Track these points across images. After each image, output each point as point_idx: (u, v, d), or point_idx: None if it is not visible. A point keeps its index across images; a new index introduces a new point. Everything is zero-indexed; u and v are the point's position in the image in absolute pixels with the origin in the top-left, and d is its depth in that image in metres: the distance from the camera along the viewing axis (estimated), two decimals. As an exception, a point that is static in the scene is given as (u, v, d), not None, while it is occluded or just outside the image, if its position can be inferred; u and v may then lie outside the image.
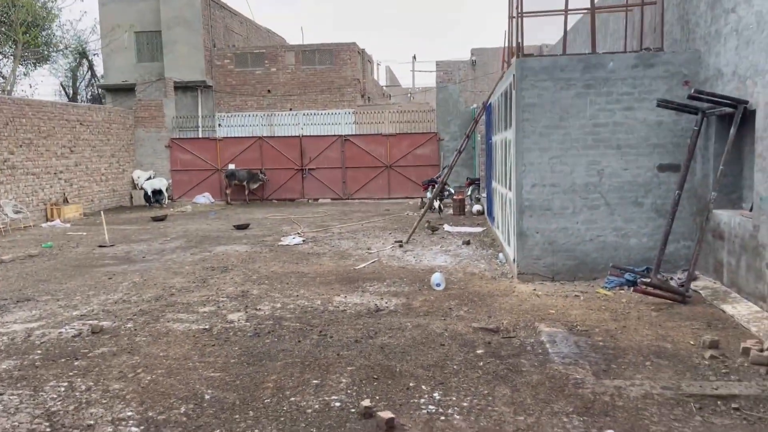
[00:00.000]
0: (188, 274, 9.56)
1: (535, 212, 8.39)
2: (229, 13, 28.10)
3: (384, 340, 6.01)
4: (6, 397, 4.80)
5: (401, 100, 35.64)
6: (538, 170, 8.33)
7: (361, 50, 27.52)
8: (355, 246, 11.88)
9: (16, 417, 4.45)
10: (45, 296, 8.29)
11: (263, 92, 26.07)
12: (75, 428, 4.26)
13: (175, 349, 5.92)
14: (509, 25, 9.78)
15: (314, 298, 7.85)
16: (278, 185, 22.09)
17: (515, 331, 6.22)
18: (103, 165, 20.27)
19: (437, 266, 9.66)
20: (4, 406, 4.64)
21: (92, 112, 19.99)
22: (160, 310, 7.38)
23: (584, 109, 8.17)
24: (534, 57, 8.46)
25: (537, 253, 8.43)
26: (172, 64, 25.12)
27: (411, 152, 21.49)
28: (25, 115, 16.69)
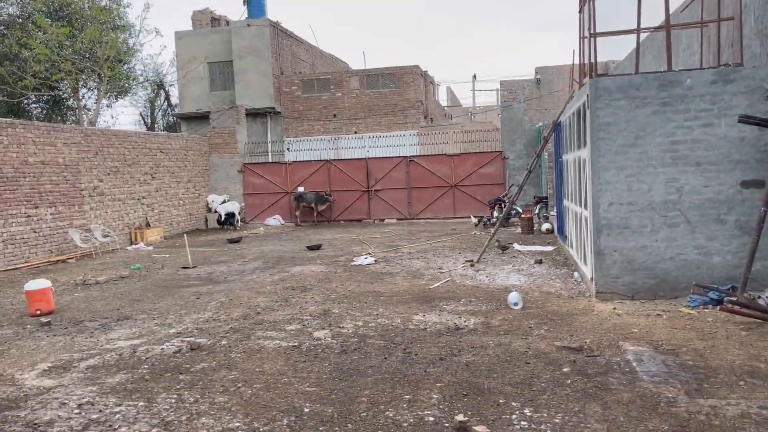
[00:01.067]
0: (270, 293, 9.98)
1: (613, 231, 8.37)
2: (296, 41, 29.11)
3: (468, 358, 6.16)
4: (124, 408, 5.21)
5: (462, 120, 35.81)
6: (615, 189, 8.33)
7: (423, 72, 27.93)
8: (427, 265, 12.06)
9: (136, 426, 4.83)
10: (141, 315, 8.84)
11: (329, 116, 26.79)
12: (190, 437, 4.60)
13: (269, 364, 6.24)
14: (580, 44, 9.85)
15: (393, 316, 8.07)
16: (345, 206, 22.58)
17: (599, 349, 6.24)
18: (181, 190, 21.28)
19: (511, 285, 9.73)
20: (123, 415, 5.05)
21: (171, 140, 21.09)
22: (249, 328, 7.76)
23: (661, 126, 8.14)
24: (608, 76, 8.51)
25: (615, 271, 8.40)
26: (243, 92, 26.21)
27: (475, 171, 21.59)
28: (113, 144, 17.79)
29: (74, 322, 8.60)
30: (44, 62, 22.09)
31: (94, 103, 25.57)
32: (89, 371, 6.27)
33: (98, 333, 7.88)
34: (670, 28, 8.47)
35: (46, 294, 9.16)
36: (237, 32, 26.62)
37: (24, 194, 14.57)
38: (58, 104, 26.72)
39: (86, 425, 4.87)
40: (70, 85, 23.97)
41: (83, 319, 8.71)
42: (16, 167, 14.39)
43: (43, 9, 23.96)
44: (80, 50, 22.80)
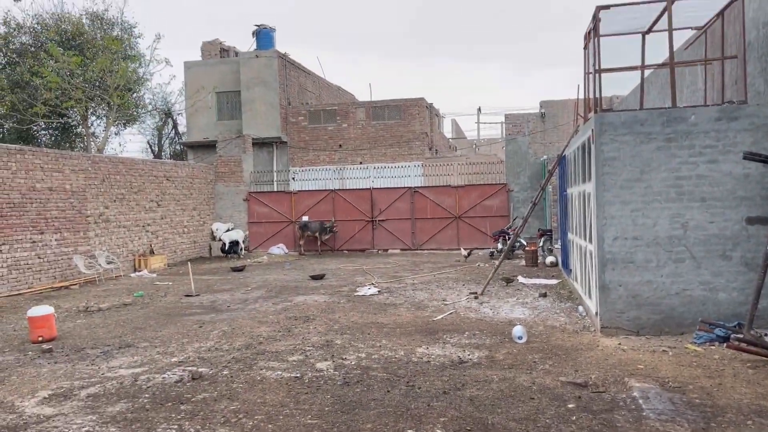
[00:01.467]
0: (273, 323, 9.93)
1: (618, 265, 8.35)
2: (303, 72, 29.50)
3: (472, 392, 6.09)
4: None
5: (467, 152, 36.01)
6: (620, 223, 8.33)
7: (428, 105, 28.21)
8: (430, 297, 12.01)
9: (136, 456, 4.77)
10: (143, 343, 8.80)
11: (335, 147, 26.99)
12: (190, 469, 4.54)
13: (270, 395, 6.18)
14: (585, 80, 9.96)
15: (397, 348, 8.01)
16: (349, 236, 22.59)
17: (605, 385, 6.17)
18: (186, 218, 21.35)
19: (515, 319, 9.67)
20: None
21: (177, 168, 21.24)
22: (251, 358, 7.71)
23: (666, 162, 8.18)
24: (613, 112, 8.58)
25: (620, 306, 8.35)
26: (250, 122, 26.48)
27: (480, 203, 21.64)
28: (119, 172, 17.93)
29: (76, 349, 8.56)
30: (55, 90, 22.41)
31: (102, 131, 25.85)
32: (90, 400, 6.22)
33: (100, 361, 7.83)
34: (674, 66, 8.57)
35: (49, 320, 9.13)
36: (245, 63, 27.01)
37: (30, 220, 14.64)
38: (67, 131, 27.01)
39: (85, 455, 4.81)
40: (80, 112, 24.26)
41: (85, 347, 8.67)
42: (23, 193, 14.49)
43: (56, 38, 24.39)
44: (91, 79, 23.13)
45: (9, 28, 24.89)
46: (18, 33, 25.04)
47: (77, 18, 25.21)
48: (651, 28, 9.89)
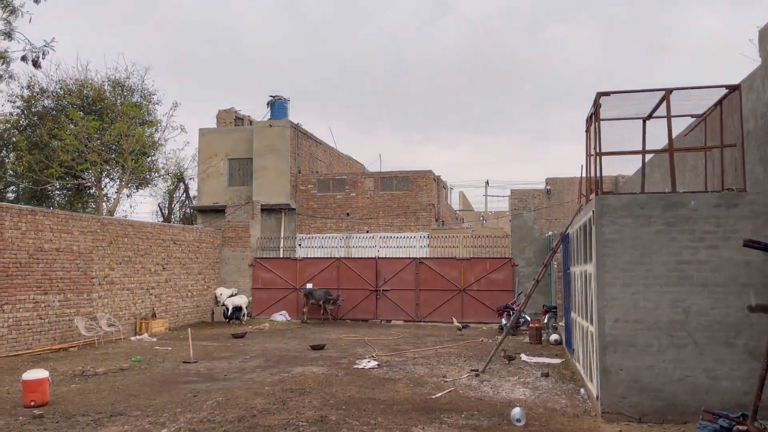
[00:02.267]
0: (268, 395, 9.77)
1: (619, 348, 8.24)
2: (314, 142, 30.17)
3: (466, 478, 5.91)
4: None
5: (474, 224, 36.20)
6: (621, 305, 8.28)
7: (436, 177, 28.62)
8: (430, 372, 11.82)
9: None
10: (136, 411, 8.66)
11: (342, 215, 27.25)
12: None
13: (259, 474, 6.03)
14: (587, 161, 10.14)
15: (392, 427, 7.84)
16: (353, 305, 22.46)
17: (603, 476, 5.98)
18: (191, 281, 21.38)
19: (516, 399, 9.47)
20: None
21: (185, 232, 21.44)
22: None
23: (666, 245, 8.20)
24: (613, 194, 8.69)
25: (621, 391, 8.18)
26: (260, 188, 26.90)
27: (485, 276, 21.56)
28: (127, 234, 18.12)
29: (67, 416, 8.43)
30: (72, 152, 22.97)
31: (115, 193, 26.30)
32: (74, 471, 6.09)
33: (89, 429, 7.70)
34: (673, 152, 8.74)
35: (43, 385, 9.05)
36: (259, 131, 27.70)
37: (35, 280, 14.72)
38: (81, 192, 27.49)
39: None
40: (94, 174, 24.77)
41: (76, 413, 8.54)
42: (31, 253, 14.64)
43: (77, 102, 25.21)
44: (107, 142, 23.74)
45: (32, 92, 25.79)
46: (41, 97, 25.92)
47: (99, 84, 26.13)
48: (651, 115, 10.14)
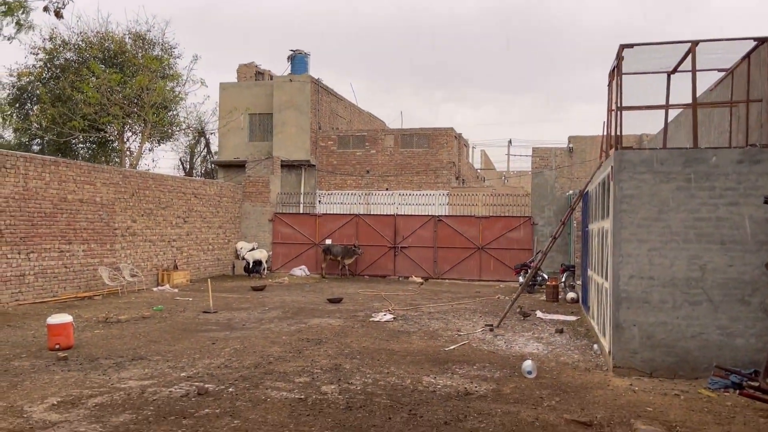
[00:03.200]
0: (285, 344, 9.99)
1: (633, 304, 8.23)
2: (335, 98, 29.97)
3: (473, 424, 6.04)
4: (123, 448, 5.24)
5: (495, 184, 35.97)
6: (636, 262, 8.23)
7: (457, 135, 28.35)
8: (445, 327, 11.95)
9: (132, 467, 4.84)
10: (156, 356, 8.93)
11: (362, 172, 27.24)
12: (183, 483, 4.59)
13: (272, 415, 6.22)
14: (608, 117, 9.96)
15: (404, 376, 7.99)
16: (371, 262, 22.64)
17: (610, 426, 6.06)
18: (211, 235, 21.69)
19: (528, 353, 9.56)
20: (121, 455, 5.07)
21: (206, 186, 21.65)
22: (259, 377, 7.77)
23: (685, 202, 8.09)
24: (633, 150, 8.55)
25: (634, 346, 8.21)
26: (280, 144, 26.92)
27: (503, 235, 21.52)
28: (149, 187, 18.36)
29: (90, 358, 8.73)
30: (94, 105, 23.14)
31: (137, 147, 26.53)
32: (96, 409, 6.34)
33: (111, 371, 7.97)
34: (696, 107, 8.52)
35: (67, 329, 9.34)
36: (279, 86, 27.57)
37: (59, 230, 15.05)
38: (104, 146, 27.79)
39: (84, 463, 4.90)
40: (117, 128, 24.97)
41: (99, 356, 8.84)
42: (54, 203, 14.93)
43: (99, 55, 25.25)
44: (129, 95, 23.85)
45: (55, 44, 25.87)
46: (63, 49, 25.99)
47: (120, 37, 26.11)
48: (676, 69, 9.87)
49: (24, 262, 14.10)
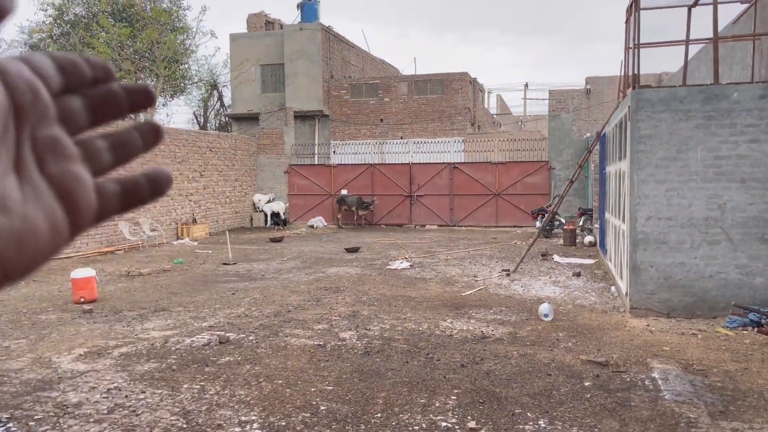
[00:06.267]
0: (303, 292, 10.13)
1: (650, 246, 8.17)
2: (347, 46, 29.44)
3: (490, 367, 6.13)
4: (149, 395, 5.41)
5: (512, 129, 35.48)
6: (654, 203, 8.13)
7: (472, 80, 27.83)
8: (462, 273, 12.02)
9: (158, 413, 5.00)
10: (178, 307, 9.12)
11: (376, 121, 26.98)
12: (207, 427, 4.74)
13: (292, 361, 6.36)
14: (626, 55, 9.67)
15: (421, 321, 8.09)
16: (387, 211, 22.67)
17: (626, 365, 6.11)
18: (228, 188, 21.80)
19: (545, 297, 9.60)
20: (147, 402, 5.24)
21: (221, 140, 21.63)
22: (278, 325, 7.91)
23: (705, 140, 7.92)
24: (651, 88, 8.33)
25: (651, 287, 8.19)
26: (293, 95, 26.67)
27: (520, 180, 21.35)
28: (164, 142, 18.36)
29: (114, 310, 8.94)
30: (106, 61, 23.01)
31: (150, 102, 26.44)
32: (121, 358, 6.52)
33: (135, 322, 8.17)
34: (718, 41, 8.23)
35: (90, 283, 9.55)
36: (290, 36, 27.11)
37: (78, 186, 15.19)
38: (117, 102, 27.75)
39: (111, 409, 5.08)
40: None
41: (123, 309, 9.05)
42: (72, 160, 15.03)
43: (107, 10, 24.98)
44: (140, 50, 23.67)
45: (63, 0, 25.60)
46: (72, 4, 25.73)
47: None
48: (697, 1, 9.50)
49: (45, 220, 14.32)
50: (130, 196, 0.42)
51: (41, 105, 0.37)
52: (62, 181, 0.38)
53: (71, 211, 0.39)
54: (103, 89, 0.42)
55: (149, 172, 0.43)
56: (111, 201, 0.41)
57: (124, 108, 0.43)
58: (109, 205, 0.41)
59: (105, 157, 0.42)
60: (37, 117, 0.37)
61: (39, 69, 0.38)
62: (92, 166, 0.41)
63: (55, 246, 0.38)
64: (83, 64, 0.41)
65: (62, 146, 0.39)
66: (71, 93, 0.41)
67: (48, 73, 0.39)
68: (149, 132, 0.44)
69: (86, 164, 0.40)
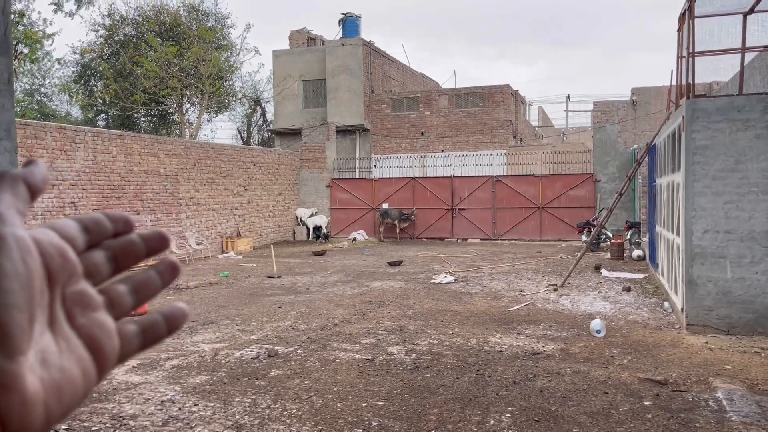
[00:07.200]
0: (349, 306, 10.11)
1: (707, 260, 7.89)
2: (387, 60, 29.61)
3: (543, 384, 5.97)
4: (202, 407, 5.44)
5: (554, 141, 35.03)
6: (711, 216, 7.86)
7: (513, 92, 27.62)
8: (508, 287, 11.84)
9: (211, 426, 5.02)
10: (226, 320, 9.21)
11: (417, 135, 26.98)
12: (260, 440, 4.73)
13: (341, 376, 6.32)
14: (678, 64, 9.44)
15: (469, 336, 7.97)
16: (428, 224, 22.58)
17: (686, 384, 5.88)
18: (272, 202, 22.06)
19: (595, 312, 9.36)
20: (200, 415, 5.27)
21: (264, 155, 21.94)
22: (326, 339, 7.90)
23: (765, 151, 7.63)
24: (706, 98, 8.09)
25: (709, 303, 7.90)
26: (334, 110, 26.91)
27: (564, 193, 21.01)
28: (210, 157, 18.74)
29: (164, 323, 9.06)
30: (153, 79, 23.67)
31: (196, 118, 27.07)
32: (173, 370, 6.59)
33: (184, 335, 8.27)
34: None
35: (141, 295, 9.71)
36: (331, 51, 27.42)
37: (128, 201, 15.59)
38: (164, 118, 28.50)
39: (166, 421, 5.12)
40: (176, 100, 25.52)
41: (172, 321, 9.16)
42: (122, 176, 15.44)
43: (155, 29, 25.71)
44: (186, 68, 24.25)
45: (113, 20, 26.47)
46: (121, 25, 26.58)
47: (175, 10, 26.48)
48: (753, 8, 9.21)
49: (97, 233, 14.69)
50: (148, 335, 0.46)
51: (70, 266, 0.42)
52: (89, 331, 0.42)
53: (98, 358, 0.42)
54: (123, 241, 0.46)
55: (166, 311, 0.47)
56: (132, 343, 0.45)
57: (142, 255, 0.47)
58: (130, 347, 0.45)
59: (126, 300, 0.46)
60: (67, 277, 0.42)
61: (66, 234, 0.43)
62: (115, 311, 0.45)
63: (86, 390, 0.42)
64: (105, 220, 0.46)
65: (88, 298, 0.43)
66: (95, 247, 0.45)
67: (74, 235, 0.43)
68: (166, 270, 0.48)
69: (110, 310, 0.44)
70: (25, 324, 0.37)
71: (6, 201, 0.40)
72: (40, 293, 0.39)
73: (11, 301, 0.37)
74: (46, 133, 13.52)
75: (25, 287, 0.38)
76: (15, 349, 0.37)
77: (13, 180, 0.41)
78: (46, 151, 13.39)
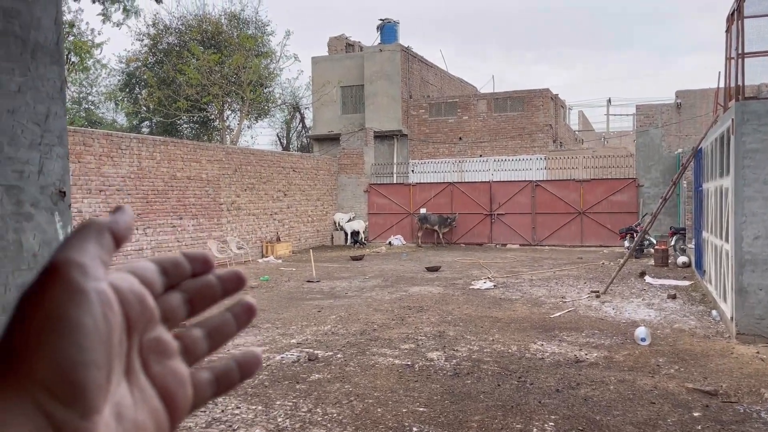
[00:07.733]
0: (387, 311, 10.11)
1: (758, 267, 7.64)
2: (425, 65, 29.61)
3: (587, 392, 5.86)
4: (244, 410, 5.50)
5: (594, 145, 34.45)
6: (762, 221, 7.61)
7: (553, 96, 27.29)
8: (548, 294, 11.67)
9: (253, 429, 5.08)
10: (266, 324, 9.31)
11: (455, 139, 26.88)
12: (302, 444, 4.76)
13: (381, 381, 6.32)
14: (727, 66, 9.18)
15: (510, 343, 7.88)
16: (466, 230, 22.44)
17: (737, 395, 5.69)
18: (310, 207, 22.26)
19: (640, 320, 9.15)
20: (242, 418, 5.33)
21: (303, 160, 22.17)
22: (365, 343, 7.92)
23: (820, 154, 7.35)
24: (757, 100, 7.86)
25: (760, 312, 7.64)
26: (372, 115, 27.02)
27: (606, 198, 20.63)
28: (250, 162, 19.03)
29: (206, 326, 9.21)
30: (196, 86, 24.19)
31: (236, 124, 27.53)
32: (216, 373, 6.68)
33: (226, 338, 8.37)
34: (833, 47, 7.67)
35: (184, 298, 9.90)
36: (369, 57, 27.57)
37: (171, 206, 15.93)
38: (206, 124, 29.07)
39: (209, 423, 5.19)
40: (217, 107, 26.02)
41: (214, 324, 9.31)
42: (166, 181, 15.79)
43: (197, 38, 26.28)
44: (227, 75, 24.71)
45: (157, 30, 27.16)
46: (165, 34, 27.25)
47: (217, 18, 27.02)
48: (807, 7, 8.90)
49: (141, 237, 15.07)
50: (222, 383, 0.44)
51: (148, 312, 0.40)
52: (164, 381, 0.41)
53: (171, 408, 0.41)
54: (200, 282, 0.45)
55: (239, 357, 0.46)
56: (205, 391, 0.44)
57: (219, 297, 0.46)
58: (203, 396, 0.44)
59: (201, 345, 0.45)
60: (145, 324, 0.40)
61: (146, 278, 0.41)
62: (189, 357, 0.44)
63: None
64: (184, 261, 0.44)
65: (164, 345, 0.42)
66: (172, 288, 0.44)
67: (153, 279, 0.42)
68: (243, 312, 0.46)
69: (184, 356, 0.43)
70: (102, 381, 0.36)
71: (90, 252, 0.38)
72: (119, 345, 0.38)
73: (90, 359, 0.36)
74: (93, 140, 13.93)
75: (105, 343, 0.37)
76: (91, 408, 0.35)
77: (99, 229, 0.40)
78: (93, 158, 13.80)
